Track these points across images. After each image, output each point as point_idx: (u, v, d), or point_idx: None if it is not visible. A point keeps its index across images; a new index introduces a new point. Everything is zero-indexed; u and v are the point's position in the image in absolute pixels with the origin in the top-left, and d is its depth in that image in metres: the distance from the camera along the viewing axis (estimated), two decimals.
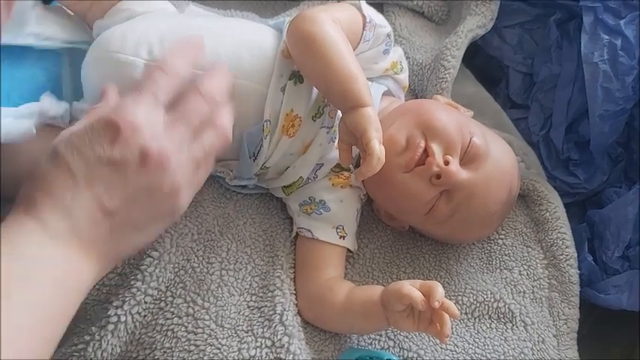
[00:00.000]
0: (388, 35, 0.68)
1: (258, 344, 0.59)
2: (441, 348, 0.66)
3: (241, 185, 0.68)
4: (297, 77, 0.62)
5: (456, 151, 0.63)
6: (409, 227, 0.72)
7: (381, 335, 0.64)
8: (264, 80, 0.61)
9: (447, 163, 0.62)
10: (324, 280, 0.64)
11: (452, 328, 0.67)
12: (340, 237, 0.66)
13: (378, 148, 0.56)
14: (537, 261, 0.73)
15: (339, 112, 0.63)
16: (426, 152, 0.62)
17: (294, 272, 0.66)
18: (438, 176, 0.62)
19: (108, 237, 0.46)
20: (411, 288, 0.54)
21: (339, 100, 0.60)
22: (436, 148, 0.62)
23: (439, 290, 0.54)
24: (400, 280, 0.68)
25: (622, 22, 0.76)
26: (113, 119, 0.46)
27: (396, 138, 0.63)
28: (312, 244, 0.66)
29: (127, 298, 0.59)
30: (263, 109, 0.62)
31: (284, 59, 0.62)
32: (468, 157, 0.64)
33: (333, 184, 0.67)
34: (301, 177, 0.66)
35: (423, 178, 0.62)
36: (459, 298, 0.69)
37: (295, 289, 0.65)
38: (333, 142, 0.65)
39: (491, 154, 0.65)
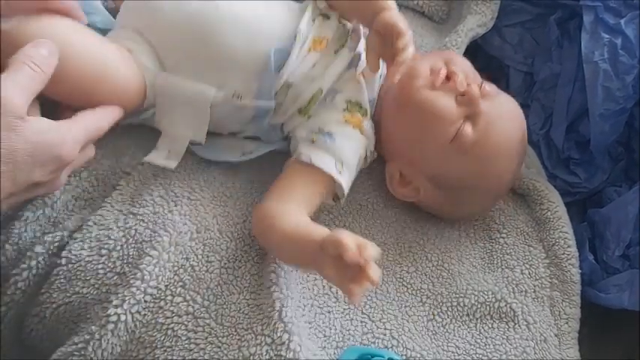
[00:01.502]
0: None
1: (258, 342, 0.59)
2: (443, 350, 0.66)
3: (255, 137, 0.69)
4: (324, 15, 0.68)
5: (475, 82, 0.67)
6: (411, 218, 0.72)
7: (384, 334, 0.64)
8: (295, 7, 0.69)
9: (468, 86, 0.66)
10: (289, 208, 0.62)
11: (454, 329, 0.67)
12: (337, 171, 0.64)
13: (409, 34, 0.60)
14: (539, 260, 0.73)
15: (362, 38, 0.69)
16: (448, 78, 0.66)
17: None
18: (463, 94, 0.65)
19: None
20: (350, 239, 0.52)
21: (367, 8, 0.64)
22: (459, 72, 0.67)
23: (372, 251, 0.52)
24: (403, 279, 0.69)
25: (622, 21, 0.76)
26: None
27: (419, 67, 0.67)
28: (303, 169, 0.64)
29: (127, 297, 0.58)
30: (293, 31, 0.66)
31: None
32: (482, 94, 0.66)
33: (345, 121, 0.67)
34: (320, 89, 0.67)
35: (450, 95, 0.66)
36: (461, 300, 0.69)
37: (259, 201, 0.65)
38: (354, 68, 0.68)
39: (501, 95, 0.69)
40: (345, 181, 0.65)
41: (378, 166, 0.75)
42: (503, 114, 0.68)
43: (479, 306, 0.69)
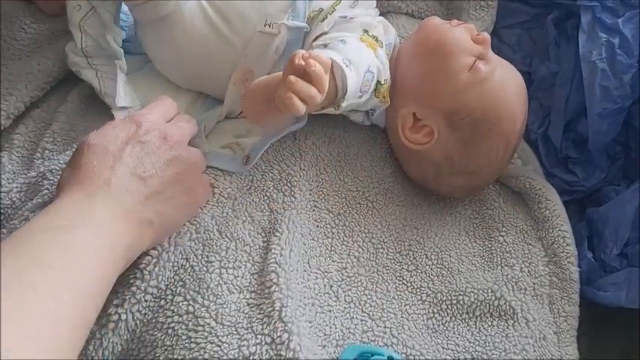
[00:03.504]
0: None
1: (258, 341, 0.59)
2: (442, 348, 0.66)
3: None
4: None
5: None
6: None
7: (384, 333, 0.64)
8: None
9: None
10: None
11: (453, 327, 0.68)
12: (344, 63, 0.63)
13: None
14: (538, 258, 0.73)
15: None
16: None
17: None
18: (478, 35, 0.70)
19: (142, 202, 0.56)
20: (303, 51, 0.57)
21: None
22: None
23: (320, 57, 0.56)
24: (402, 277, 0.69)
25: (620, 20, 0.76)
26: (135, 117, 0.60)
27: (434, 17, 0.74)
28: None
29: (127, 297, 0.58)
30: None
31: None
32: None
33: (361, 39, 0.68)
34: None
35: (466, 33, 0.70)
36: (460, 298, 0.69)
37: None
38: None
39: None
40: (352, 77, 0.63)
41: (377, 164, 0.75)
42: (504, 62, 0.73)
43: (478, 304, 0.69)
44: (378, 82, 0.69)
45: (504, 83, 0.71)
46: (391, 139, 0.76)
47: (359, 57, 0.65)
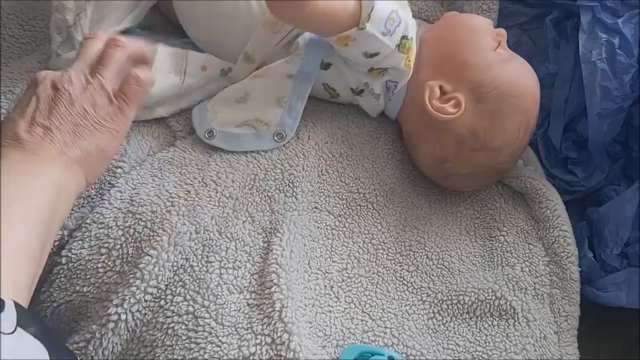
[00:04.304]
0: None
1: (258, 341, 0.59)
2: (443, 348, 0.66)
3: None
4: None
5: None
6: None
7: (384, 333, 0.64)
8: None
9: None
10: None
11: (454, 327, 0.68)
12: None
13: None
14: (539, 258, 0.73)
15: None
16: None
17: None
18: (497, 28, 0.75)
19: (61, 148, 0.59)
20: None
21: None
22: None
23: None
24: (403, 277, 0.69)
25: (620, 20, 0.76)
26: (32, 78, 0.63)
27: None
28: None
29: (127, 297, 0.58)
30: None
31: None
32: None
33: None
34: None
35: (489, 22, 0.75)
36: (461, 298, 0.69)
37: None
38: None
39: None
40: (380, 2, 0.64)
41: (378, 165, 0.75)
42: (519, 56, 0.76)
43: (479, 304, 0.69)
44: (404, 37, 0.68)
45: (525, 67, 0.75)
46: (408, 121, 0.75)
47: (387, 0, 0.66)
